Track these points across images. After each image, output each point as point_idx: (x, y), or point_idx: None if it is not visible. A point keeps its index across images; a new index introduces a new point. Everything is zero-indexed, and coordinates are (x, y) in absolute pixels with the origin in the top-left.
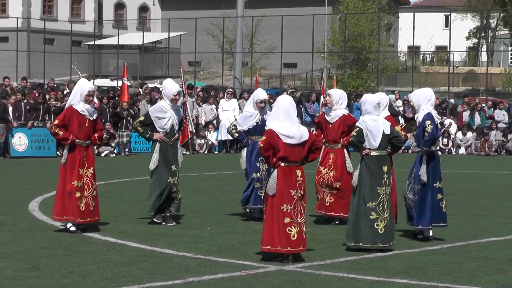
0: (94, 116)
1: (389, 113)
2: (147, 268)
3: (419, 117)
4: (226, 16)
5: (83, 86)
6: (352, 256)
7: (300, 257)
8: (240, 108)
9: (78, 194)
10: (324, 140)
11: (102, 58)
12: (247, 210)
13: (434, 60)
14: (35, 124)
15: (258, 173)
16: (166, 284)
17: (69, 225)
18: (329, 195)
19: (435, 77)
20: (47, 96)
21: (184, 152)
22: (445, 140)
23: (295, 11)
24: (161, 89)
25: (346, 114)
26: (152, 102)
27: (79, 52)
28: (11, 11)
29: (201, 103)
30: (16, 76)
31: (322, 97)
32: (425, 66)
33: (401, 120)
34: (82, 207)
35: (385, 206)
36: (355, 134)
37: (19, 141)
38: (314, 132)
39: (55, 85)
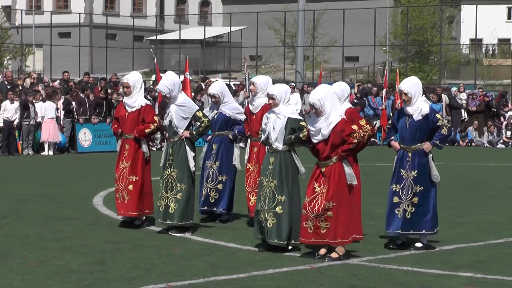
0: (134, 109)
1: (349, 105)
2: (212, 262)
3: (426, 108)
4: (287, 10)
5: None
6: (416, 250)
7: None
8: (304, 103)
9: (115, 186)
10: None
11: (164, 53)
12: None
13: (497, 52)
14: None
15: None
16: (231, 278)
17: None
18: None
19: (498, 69)
20: (109, 91)
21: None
22: (508, 133)
23: (356, 4)
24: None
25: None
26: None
27: (141, 47)
28: (73, 7)
29: None
30: (78, 71)
31: (384, 90)
32: (488, 58)
33: (464, 114)
34: (120, 200)
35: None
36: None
37: (84, 137)
38: (377, 125)
39: (117, 80)
